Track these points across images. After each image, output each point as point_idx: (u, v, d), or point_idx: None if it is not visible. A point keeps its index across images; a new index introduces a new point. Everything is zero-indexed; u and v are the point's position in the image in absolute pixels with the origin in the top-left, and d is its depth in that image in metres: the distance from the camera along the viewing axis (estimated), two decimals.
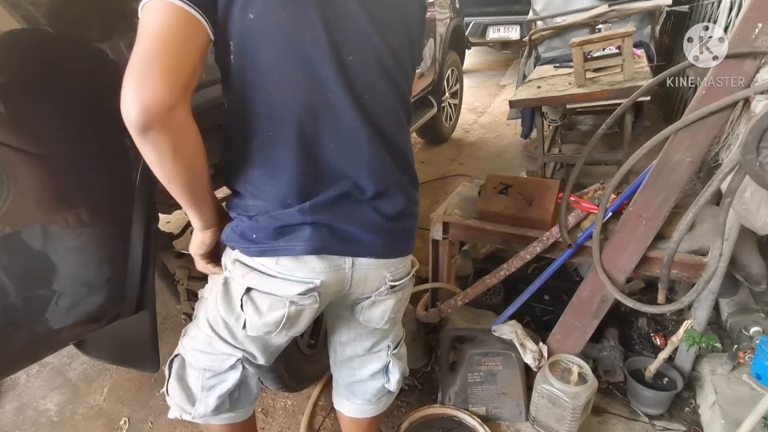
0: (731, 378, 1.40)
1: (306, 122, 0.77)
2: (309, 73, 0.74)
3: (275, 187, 0.80)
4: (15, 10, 0.85)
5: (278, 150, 0.78)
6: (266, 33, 0.72)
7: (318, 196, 0.81)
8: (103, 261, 1.03)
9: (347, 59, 0.76)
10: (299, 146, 0.77)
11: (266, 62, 0.73)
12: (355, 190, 0.84)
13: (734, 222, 1.22)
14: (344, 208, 0.84)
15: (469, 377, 1.45)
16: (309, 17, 0.71)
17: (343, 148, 0.80)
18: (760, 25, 1.04)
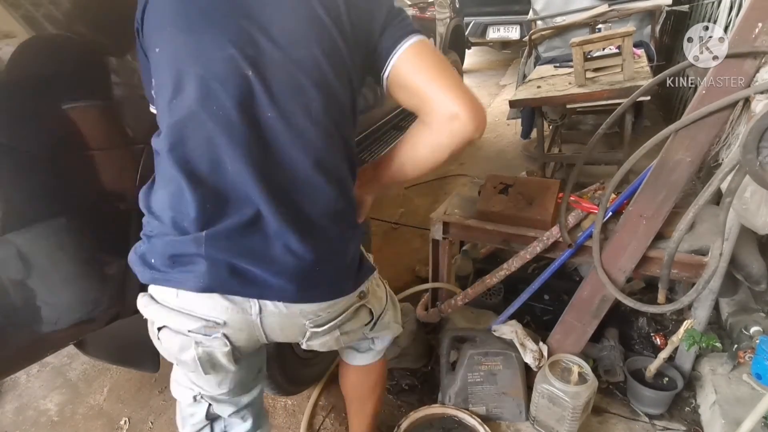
0: (731, 378, 1.40)
1: (194, 134, 0.70)
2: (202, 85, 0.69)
3: (173, 206, 0.72)
4: (15, 10, 0.85)
5: (170, 164, 0.71)
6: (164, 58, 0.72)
7: (217, 224, 0.71)
8: (102, 260, 1.03)
9: (252, 73, 0.70)
10: (185, 163, 0.71)
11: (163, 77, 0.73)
12: (260, 221, 0.72)
13: (734, 222, 1.22)
14: (247, 241, 0.72)
15: (470, 377, 1.45)
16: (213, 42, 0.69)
17: (243, 167, 0.70)
18: (760, 24, 1.04)
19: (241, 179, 0.71)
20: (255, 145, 0.71)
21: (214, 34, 0.69)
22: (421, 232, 2.63)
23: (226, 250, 0.72)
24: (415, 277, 2.22)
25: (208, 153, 0.71)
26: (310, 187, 0.75)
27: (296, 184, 0.74)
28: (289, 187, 0.74)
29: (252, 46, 0.69)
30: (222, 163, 0.71)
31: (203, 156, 0.71)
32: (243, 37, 0.69)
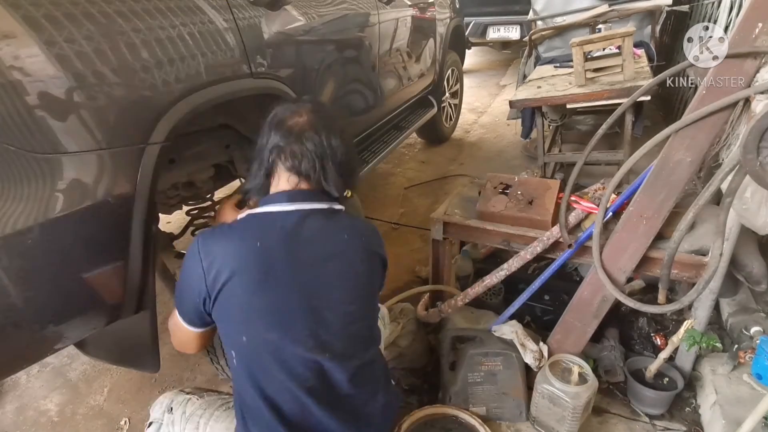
0: (732, 378, 1.39)
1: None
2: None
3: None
4: (15, 11, 0.85)
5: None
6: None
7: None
8: (103, 261, 1.03)
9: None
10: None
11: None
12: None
13: (735, 222, 1.22)
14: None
15: (470, 377, 1.45)
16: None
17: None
18: (760, 24, 1.04)
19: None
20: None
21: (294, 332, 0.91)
22: (421, 232, 2.63)
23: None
24: (415, 277, 2.22)
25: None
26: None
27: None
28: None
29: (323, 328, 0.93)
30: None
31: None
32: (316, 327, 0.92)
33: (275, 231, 0.92)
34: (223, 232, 0.94)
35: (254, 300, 0.89)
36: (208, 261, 0.89)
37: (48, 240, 0.90)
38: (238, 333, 0.91)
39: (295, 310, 0.91)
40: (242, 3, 1.40)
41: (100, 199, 0.98)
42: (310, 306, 0.92)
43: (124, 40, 1.01)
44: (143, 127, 1.06)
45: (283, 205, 0.95)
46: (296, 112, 1.00)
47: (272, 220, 0.94)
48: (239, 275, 0.88)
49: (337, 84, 2.00)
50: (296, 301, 0.91)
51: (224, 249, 0.90)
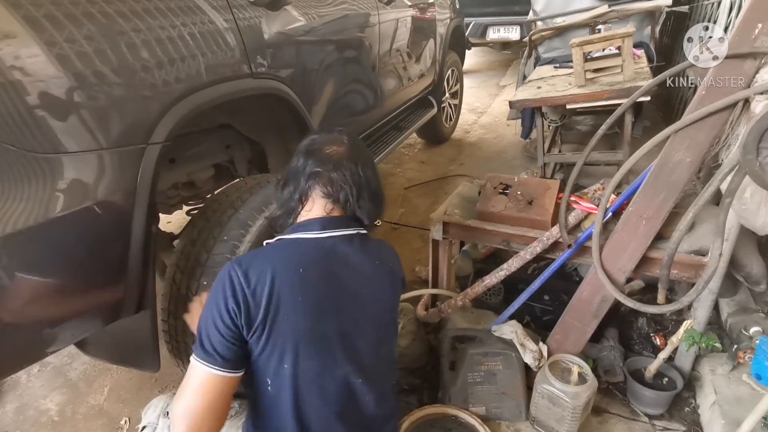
0: (731, 378, 1.40)
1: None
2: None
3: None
4: (16, 10, 0.85)
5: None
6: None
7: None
8: (103, 261, 1.03)
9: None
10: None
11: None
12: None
13: (734, 222, 1.23)
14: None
15: (470, 377, 1.45)
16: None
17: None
18: (759, 25, 1.04)
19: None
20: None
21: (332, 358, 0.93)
22: (421, 232, 2.63)
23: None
24: (415, 277, 2.22)
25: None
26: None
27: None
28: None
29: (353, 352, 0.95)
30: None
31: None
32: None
33: (313, 258, 0.93)
34: (262, 258, 0.92)
35: (302, 327, 0.89)
36: (252, 288, 0.86)
37: (48, 240, 0.90)
38: (281, 361, 0.89)
39: (335, 337, 0.93)
40: (242, 3, 1.40)
41: (100, 199, 0.98)
42: (347, 332, 0.94)
43: (124, 40, 1.02)
44: (144, 127, 1.06)
45: (317, 232, 0.96)
46: (333, 141, 1.02)
47: (308, 247, 0.95)
48: (287, 303, 0.87)
49: (338, 84, 2.00)
50: (337, 327, 0.93)
51: (269, 276, 0.87)
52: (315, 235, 0.96)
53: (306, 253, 0.94)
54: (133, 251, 1.07)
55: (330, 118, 1.96)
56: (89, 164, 0.96)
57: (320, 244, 0.95)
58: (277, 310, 0.87)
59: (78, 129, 0.93)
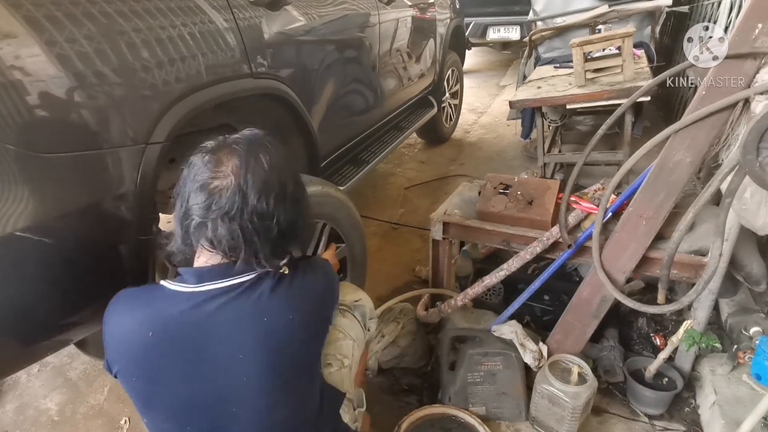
0: (731, 378, 1.40)
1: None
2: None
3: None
4: (16, 10, 0.85)
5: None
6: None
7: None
8: (103, 261, 1.03)
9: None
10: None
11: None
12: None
13: (734, 222, 1.23)
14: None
15: (469, 377, 1.45)
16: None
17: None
18: (760, 25, 1.04)
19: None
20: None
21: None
22: (421, 232, 2.63)
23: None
24: (415, 277, 2.22)
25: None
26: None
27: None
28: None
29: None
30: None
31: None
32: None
33: (175, 318, 0.81)
34: (128, 307, 0.84)
35: (148, 391, 0.83)
36: (107, 335, 0.82)
37: (48, 240, 0.90)
38: (141, 412, 0.86)
39: (194, 405, 0.82)
40: (243, 3, 1.40)
41: (100, 199, 0.98)
42: (213, 401, 0.82)
43: (124, 39, 1.02)
44: (144, 127, 1.06)
45: (191, 285, 0.83)
46: (220, 170, 0.82)
47: (177, 302, 0.82)
48: (130, 366, 0.81)
49: (338, 84, 2.00)
50: (194, 395, 0.82)
51: (120, 331, 0.82)
52: (187, 288, 0.82)
53: (167, 312, 0.81)
54: (133, 251, 1.07)
55: (330, 117, 1.96)
56: (89, 164, 0.96)
57: (188, 300, 0.81)
58: (122, 371, 0.82)
59: (78, 129, 0.93)
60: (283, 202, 0.85)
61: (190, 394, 0.82)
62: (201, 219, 0.81)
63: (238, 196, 0.80)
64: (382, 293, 2.11)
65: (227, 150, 0.84)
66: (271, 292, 0.84)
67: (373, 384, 1.63)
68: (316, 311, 0.92)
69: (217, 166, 0.82)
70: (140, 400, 0.84)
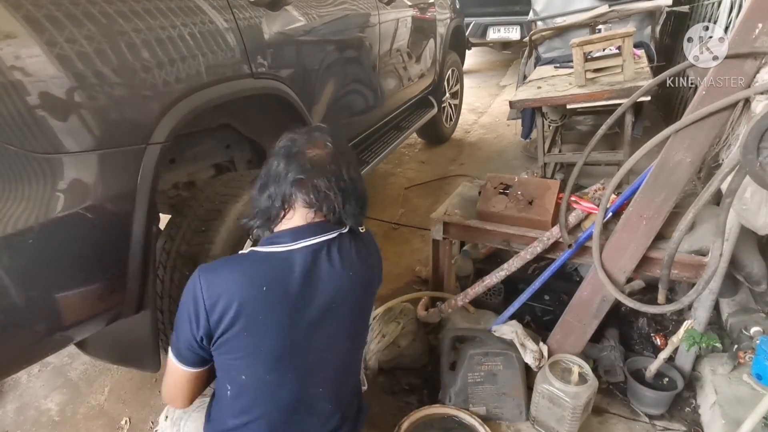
0: (731, 378, 1.40)
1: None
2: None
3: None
4: (16, 11, 0.85)
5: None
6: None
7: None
8: (104, 261, 1.03)
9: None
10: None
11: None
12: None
13: (734, 222, 1.23)
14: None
15: (470, 377, 1.45)
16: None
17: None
18: (760, 25, 1.04)
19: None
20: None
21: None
22: (421, 232, 2.63)
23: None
24: (415, 277, 2.22)
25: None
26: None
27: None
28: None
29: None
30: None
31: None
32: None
33: (279, 274, 0.89)
34: (228, 270, 0.89)
35: (257, 343, 0.89)
36: (212, 300, 0.86)
37: (48, 240, 0.90)
38: (238, 371, 0.91)
39: (297, 354, 0.92)
40: (243, 3, 1.40)
41: (100, 199, 0.98)
42: (311, 347, 0.93)
43: (124, 40, 1.02)
44: (144, 127, 1.06)
45: (288, 245, 0.91)
46: (315, 144, 0.94)
47: (277, 262, 0.90)
48: (245, 319, 0.86)
49: (338, 84, 2.00)
50: (299, 344, 0.91)
51: (230, 290, 0.86)
52: (285, 248, 0.90)
53: (273, 269, 0.89)
54: (134, 251, 1.07)
55: (330, 118, 1.96)
56: (89, 164, 0.96)
57: (289, 258, 0.90)
58: (238, 326, 0.86)
59: (78, 129, 0.93)
60: (359, 175, 0.99)
61: (298, 341, 0.91)
62: (300, 176, 0.91)
63: (333, 164, 0.93)
64: (382, 293, 2.11)
65: (314, 131, 0.98)
66: (353, 249, 0.97)
67: (374, 384, 1.63)
68: (379, 269, 1.07)
69: (311, 141, 0.95)
70: (246, 354, 0.90)
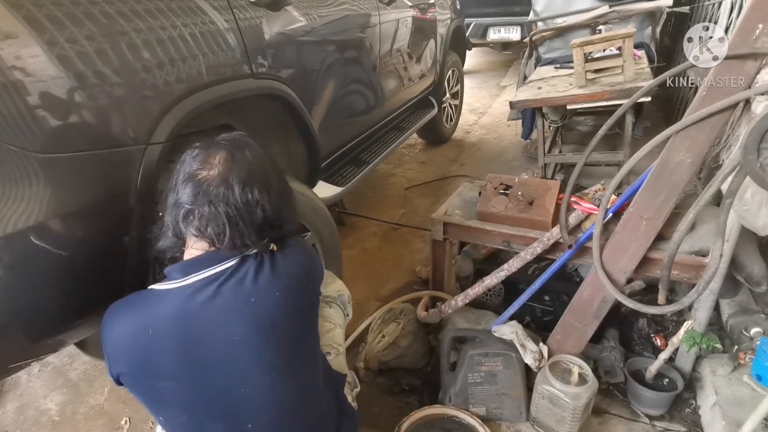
0: (732, 379, 1.39)
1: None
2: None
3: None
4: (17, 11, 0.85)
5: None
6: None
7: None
8: (103, 261, 1.03)
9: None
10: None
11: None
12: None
13: (735, 223, 1.22)
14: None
15: (470, 377, 1.45)
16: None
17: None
18: (760, 26, 1.04)
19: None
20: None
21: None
22: (421, 232, 2.63)
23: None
24: (415, 277, 2.22)
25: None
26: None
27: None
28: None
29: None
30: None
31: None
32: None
33: (168, 314, 0.84)
34: (123, 314, 0.87)
35: (156, 388, 0.86)
36: (107, 346, 0.86)
37: (49, 240, 0.90)
38: (155, 412, 0.90)
39: (203, 393, 0.86)
40: (243, 4, 1.40)
41: (101, 199, 0.98)
42: (222, 386, 0.86)
43: (125, 40, 1.02)
44: (144, 127, 1.06)
45: (177, 281, 0.86)
46: (207, 162, 0.88)
47: (169, 300, 0.86)
48: (137, 368, 0.85)
49: (338, 84, 2.00)
50: (202, 384, 0.86)
51: (119, 337, 0.85)
52: (177, 284, 0.86)
53: (162, 310, 0.85)
54: (134, 251, 1.07)
55: (330, 118, 1.97)
56: (90, 164, 0.96)
57: (179, 295, 0.85)
58: (126, 373, 0.86)
59: (79, 129, 0.93)
60: (268, 193, 0.90)
61: (198, 384, 0.85)
62: (189, 206, 0.87)
63: (222, 186, 0.86)
64: (382, 294, 2.11)
65: (214, 146, 0.92)
66: (255, 274, 0.88)
67: (374, 384, 1.63)
68: (302, 284, 0.94)
69: (205, 159, 0.89)
70: (151, 399, 0.88)
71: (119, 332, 0.85)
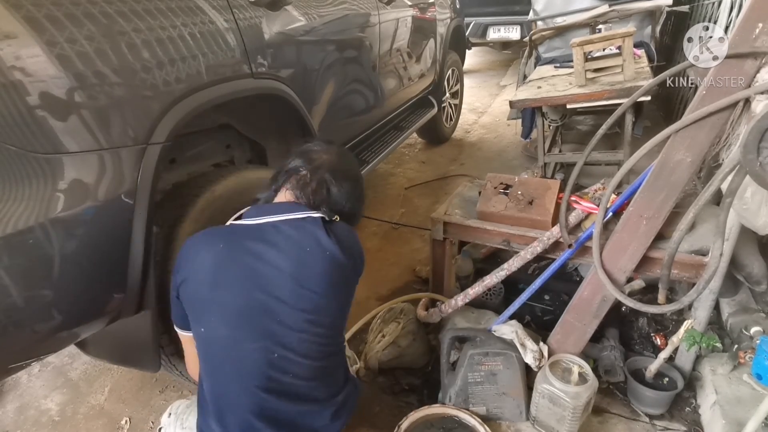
0: (732, 378, 1.40)
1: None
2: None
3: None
4: (17, 11, 0.85)
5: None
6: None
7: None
8: (104, 261, 1.03)
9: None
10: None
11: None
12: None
13: (735, 222, 1.23)
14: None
15: (470, 377, 1.45)
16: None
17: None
18: (760, 25, 1.04)
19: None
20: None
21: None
22: (421, 232, 2.63)
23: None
24: (415, 277, 2.22)
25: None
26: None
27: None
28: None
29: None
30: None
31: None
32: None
33: (237, 237, 0.99)
34: (201, 234, 1.02)
35: (207, 297, 0.96)
36: (178, 261, 1.00)
37: (49, 240, 0.90)
38: (197, 322, 0.99)
39: (247, 310, 0.96)
40: (243, 3, 1.40)
41: (101, 199, 0.98)
42: (264, 307, 0.96)
43: (125, 40, 1.02)
44: (144, 127, 1.06)
45: (253, 219, 1.02)
46: (324, 150, 1.10)
47: (239, 228, 1.02)
48: (195, 274, 0.96)
49: (338, 84, 2.00)
50: (249, 301, 0.95)
51: (190, 251, 0.99)
52: (252, 221, 1.01)
53: (233, 234, 1.00)
54: (134, 251, 1.08)
55: (330, 118, 1.96)
56: (90, 165, 0.96)
57: (254, 227, 1.00)
58: (187, 279, 0.97)
59: (78, 129, 0.94)
60: (351, 189, 1.10)
61: (246, 300, 0.95)
62: (298, 166, 1.07)
63: (326, 167, 1.07)
64: (382, 293, 2.11)
65: (332, 145, 1.15)
66: (314, 230, 1.01)
67: (374, 384, 1.63)
68: (346, 264, 1.03)
69: (321, 150, 1.11)
70: (201, 308, 0.98)
71: (194, 244, 0.99)
